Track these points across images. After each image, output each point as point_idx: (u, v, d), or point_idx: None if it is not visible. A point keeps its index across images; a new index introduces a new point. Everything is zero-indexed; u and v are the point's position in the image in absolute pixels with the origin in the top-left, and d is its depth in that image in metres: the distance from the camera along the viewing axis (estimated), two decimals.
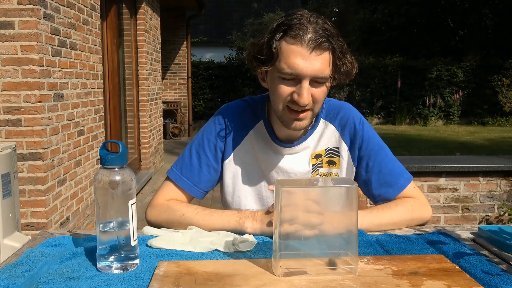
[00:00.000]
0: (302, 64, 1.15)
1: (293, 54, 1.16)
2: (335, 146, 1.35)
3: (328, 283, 0.88)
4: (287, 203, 0.92)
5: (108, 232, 0.95)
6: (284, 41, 1.17)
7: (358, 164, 1.35)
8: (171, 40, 10.92)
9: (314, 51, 1.15)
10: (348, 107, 1.38)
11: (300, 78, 1.17)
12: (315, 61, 1.15)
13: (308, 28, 1.16)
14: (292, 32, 1.16)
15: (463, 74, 14.39)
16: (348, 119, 1.35)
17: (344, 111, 1.36)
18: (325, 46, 1.16)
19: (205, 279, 0.89)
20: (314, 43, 1.15)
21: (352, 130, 1.35)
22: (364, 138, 1.34)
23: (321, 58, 1.16)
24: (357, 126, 1.34)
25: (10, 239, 2.74)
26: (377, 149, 1.34)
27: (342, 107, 1.37)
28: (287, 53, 1.16)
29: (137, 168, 6.48)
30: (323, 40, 1.15)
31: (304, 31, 1.15)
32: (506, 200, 3.46)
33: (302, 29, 1.15)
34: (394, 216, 1.23)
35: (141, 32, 6.49)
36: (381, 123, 14.40)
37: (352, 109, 1.38)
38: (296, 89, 1.18)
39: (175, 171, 1.38)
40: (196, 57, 15.32)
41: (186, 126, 11.38)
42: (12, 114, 2.97)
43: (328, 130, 1.36)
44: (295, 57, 1.16)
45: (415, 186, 1.34)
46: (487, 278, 0.90)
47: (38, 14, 2.98)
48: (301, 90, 1.17)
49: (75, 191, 3.68)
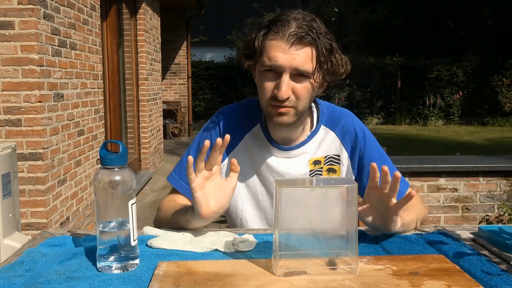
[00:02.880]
0: (281, 56, 1.17)
1: (273, 47, 1.18)
2: (336, 154, 1.35)
3: (328, 283, 0.88)
4: (287, 203, 0.92)
5: (108, 232, 0.95)
6: (267, 36, 1.20)
7: (359, 172, 1.35)
8: (171, 40, 10.92)
9: (294, 45, 1.16)
10: (349, 115, 1.38)
11: (280, 71, 1.18)
12: (295, 55, 1.17)
13: (291, 23, 1.18)
14: (275, 27, 1.18)
15: (463, 74, 14.39)
16: (349, 127, 1.35)
17: (345, 119, 1.36)
18: (306, 41, 1.17)
19: (205, 279, 0.89)
20: (294, 37, 1.16)
21: (353, 138, 1.35)
22: (366, 148, 1.34)
23: (302, 52, 1.17)
24: (359, 135, 1.35)
25: (10, 239, 2.74)
26: (378, 157, 1.34)
27: (343, 115, 1.37)
28: (269, 47, 1.19)
29: (137, 168, 6.49)
30: (303, 35, 1.16)
31: (287, 26, 1.17)
32: (506, 200, 3.46)
33: (284, 25, 1.18)
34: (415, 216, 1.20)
35: (141, 32, 6.49)
36: (381, 123, 14.40)
37: (353, 117, 1.38)
38: (276, 84, 1.20)
39: (174, 176, 1.38)
40: (196, 57, 15.32)
41: (186, 126, 11.38)
42: (12, 114, 2.97)
43: (328, 137, 1.35)
44: (275, 51, 1.18)
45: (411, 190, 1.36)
46: (487, 278, 0.90)
47: (38, 14, 2.98)
48: (280, 83, 1.18)
49: (75, 191, 3.68)
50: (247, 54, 1.25)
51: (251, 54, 1.24)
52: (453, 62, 14.58)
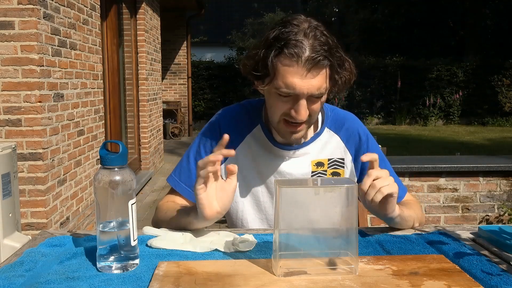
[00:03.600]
0: (299, 83, 1.14)
1: (290, 74, 1.13)
2: (340, 157, 1.36)
3: (328, 283, 0.88)
4: (287, 203, 0.92)
5: (108, 232, 0.95)
6: (280, 59, 1.15)
7: (360, 174, 1.37)
8: (171, 40, 10.92)
9: (311, 71, 1.13)
10: (353, 118, 1.40)
11: (297, 96, 1.16)
12: (313, 80, 1.14)
13: (304, 45, 1.12)
14: (288, 50, 1.13)
15: (463, 74, 14.39)
16: (353, 131, 1.37)
17: (349, 123, 1.38)
18: (322, 64, 1.14)
19: (205, 279, 0.89)
20: (311, 63, 1.12)
21: (357, 142, 1.36)
22: (368, 151, 1.35)
23: (319, 76, 1.15)
24: (362, 138, 1.36)
25: (10, 239, 2.74)
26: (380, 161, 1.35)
27: (347, 119, 1.39)
28: (284, 72, 1.14)
29: (137, 168, 6.49)
30: (321, 59, 1.13)
31: (301, 49, 1.12)
32: (506, 200, 3.46)
33: (298, 46, 1.12)
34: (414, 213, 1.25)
35: (141, 32, 6.49)
36: (381, 123, 14.40)
37: (356, 121, 1.40)
38: (293, 106, 1.18)
39: (174, 177, 1.38)
40: (196, 57, 15.32)
41: (186, 126, 11.38)
42: (12, 114, 2.97)
43: (333, 140, 1.36)
44: (292, 77, 1.13)
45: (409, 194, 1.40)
46: (487, 278, 0.90)
47: (38, 14, 2.98)
48: (298, 107, 1.17)
49: (75, 191, 3.68)
50: (257, 75, 1.20)
51: (262, 76, 1.19)
52: (453, 62, 14.57)
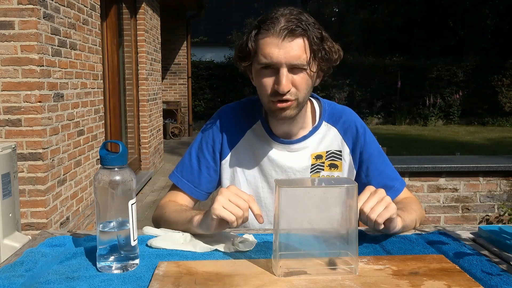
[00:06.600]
0: (276, 52, 1.19)
1: (267, 44, 1.20)
2: (338, 149, 1.38)
3: (328, 283, 0.88)
4: (287, 203, 0.92)
5: (108, 232, 0.95)
6: (259, 35, 1.22)
7: (358, 167, 1.38)
8: (171, 40, 10.91)
9: (286, 38, 1.18)
10: (350, 112, 1.42)
11: (277, 66, 1.20)
12: (289, 48, 1.18)
13: (280, 19, 1.20)
14: (265, 25, 1.21)
15: (463, 74, 14.39)
16: (351, 124, 1.38)
17: (346, 116, 1.40)
18: (298, 32, 1.19)
19: (205, 279, 0.89)
20: (285, 31, 1.18)
21: (354, 134, 1.38)
22: (366, 144, 1.37)
23: (295, 43, 1.19)
24: (359, 131, 1.38)
25: (10, 239, 2.74)
26: (377, 154, 1.39)
27: (345, 112, 1.41)
28: (263, 45, 1.21)
29: (137, 168, 6.49)
30: (294, 27, 1.18)
31: (276, 22, 1.19)
32: (506, 200, 3.46)
33: (274, 21, 1.20)
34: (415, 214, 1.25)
35: (141, 32, 6.49)
36: (381, 123, 14.39)
37: (354, 114, 1.42)
38: (276, 79, 1.21)
39: (176, 174, 1.41)
40: (196, 57, 15.31)
41: (186, 126, 11.38)
42: (12, 114, 2.97)
43: (330, 133, 1.38)
44: (269, 47, 1.19)
45: (407, 189, 1.41)
46: (487, 278, 0.90)
47: (38, 14, 2.98)
48: (279, 77, 1.20)
49: (75, 191, 3.68)
50: (242, 56, 1.27)
51: (246, 55, 1.26)
52: (453, 62, 14.57)
